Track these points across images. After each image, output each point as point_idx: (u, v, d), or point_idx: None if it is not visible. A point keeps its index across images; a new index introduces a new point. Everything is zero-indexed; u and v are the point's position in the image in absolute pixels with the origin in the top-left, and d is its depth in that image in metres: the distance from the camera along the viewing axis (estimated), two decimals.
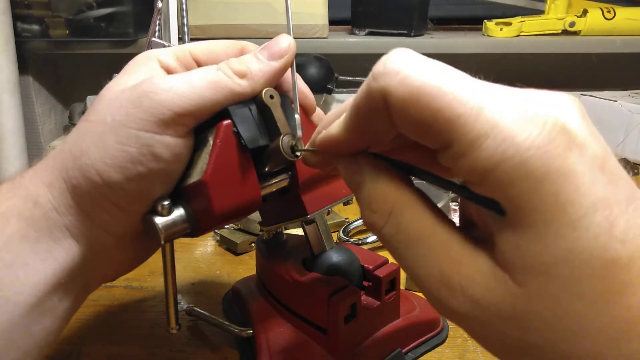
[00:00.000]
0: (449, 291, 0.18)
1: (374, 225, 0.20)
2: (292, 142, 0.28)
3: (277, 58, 0.29)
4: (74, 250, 0.27)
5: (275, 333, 0.36)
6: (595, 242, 0.16)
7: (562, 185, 0.16)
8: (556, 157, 0.16)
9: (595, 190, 0.16)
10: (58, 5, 0.76)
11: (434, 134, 0.17)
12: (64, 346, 0.39)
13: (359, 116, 0.20)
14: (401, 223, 0.19)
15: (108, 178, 0.25)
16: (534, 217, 0.16)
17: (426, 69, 0.17)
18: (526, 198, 0.16)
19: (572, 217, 0.16)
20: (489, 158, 0.16)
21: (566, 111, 0.17)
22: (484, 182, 0.17)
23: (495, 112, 0.16)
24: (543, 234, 0.16)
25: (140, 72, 0.28)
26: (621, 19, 0.82)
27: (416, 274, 0.19)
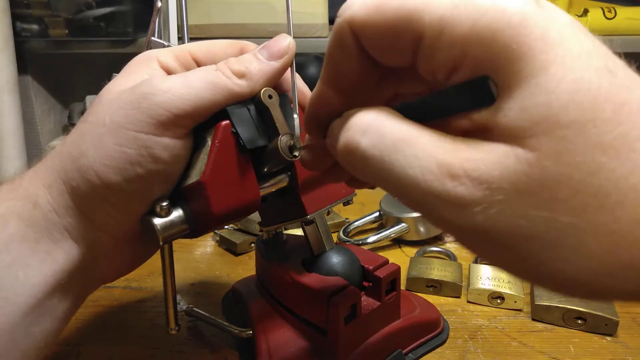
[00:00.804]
0: (453, 179, 0.15)
1: (350, 141, 0.18)
2: (291, 142, 0.28)
3: (277, 58, 0.28)
4: (74, 251, 0.27)
5: (275, 334, 0.35)
6: (599, 82, 0.14)
7: (546, 28, 0.15)
8: (532, 7, 0.15)
9: (582, 40, 0.15)
10: (57, 4, 0.76)
11: (404, 34, 0.17)
12: (63, 346, 0.39)
13: (331, 59, 0.20)
14: (383, 130, 0.17)
15: (107, 179, 0.25)
16: (528, 65, 0.15)
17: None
18: (513, 47, 0.15)
19: (566, 59, 0.14)
20: (463, 22, 0.15)
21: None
22: (466, 54, 0.16)
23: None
24: (542, 80, 0.14)
25: (140, 73, 0.28)
26: (622, 19, 0.82)
27: (411, 176, 0.16)
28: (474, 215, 0.15)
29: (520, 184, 0.15)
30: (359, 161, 0.18)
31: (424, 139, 0.16)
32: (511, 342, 0.39)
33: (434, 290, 0.45)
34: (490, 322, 0.41)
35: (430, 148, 0.16)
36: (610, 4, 0.83)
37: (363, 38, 0.18)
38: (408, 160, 0.16)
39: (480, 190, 0.15)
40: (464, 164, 0.15)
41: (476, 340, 0.39)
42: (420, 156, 0.16)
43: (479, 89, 0.16)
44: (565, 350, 0.38)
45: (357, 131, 0.18)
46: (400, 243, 0.55)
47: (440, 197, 0.16)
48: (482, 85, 0.16)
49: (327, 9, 0.81)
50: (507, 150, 0.15)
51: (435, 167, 0.16)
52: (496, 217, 0.15)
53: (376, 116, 0.18)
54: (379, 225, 0.58)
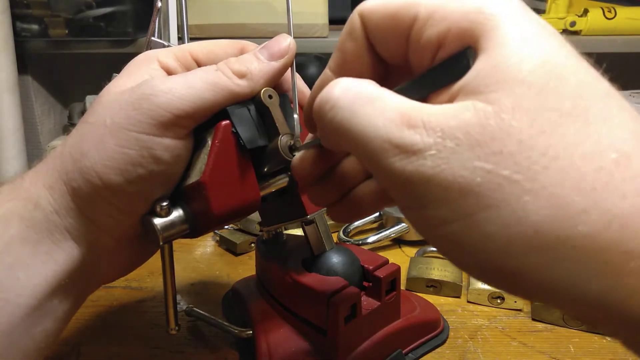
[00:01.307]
0: (411, 128, 0.16)
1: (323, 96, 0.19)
2: (291, 142, 0.28)
3: (277, 58, 0.28)
4: (75, 252, 0.27)
5: (275, 334, 0.35)
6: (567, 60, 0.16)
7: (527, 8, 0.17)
8: None
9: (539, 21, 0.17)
10: (57, 4, 0.76)
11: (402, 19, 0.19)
12: (63, 346, 0.39)
13: (340, 48, 0.22)
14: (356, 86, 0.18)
15: (108, 180, 0.25)
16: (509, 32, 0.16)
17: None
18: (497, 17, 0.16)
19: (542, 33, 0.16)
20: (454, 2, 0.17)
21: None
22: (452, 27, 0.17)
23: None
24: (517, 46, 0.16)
25: (140, 73, 0.28)
26: (622, 19, 0.82)
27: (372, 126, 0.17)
28: (421, 162, 0.15)
29: (472, 134, 0.15)
30: (329, 110, 0.18)
31: (394, 96, 0.18)
32: (511, 342, 0.39)
33: (434, 290, 0.45)
34: (490, 322, 0.42)
35: (396, 104, 0.17)
36: (610, 4, 0.83)
37: (369, 26, 0.20)
38: (375, 111, 0.17)
39: (433, 137, 0.16)
40: (424, 116, 0.16)
41: (476, 340, 0.39)
42: (386, 108, 0.17)
43: (459, 63, 0.17)
44: (565, 350, 0.38)
45: (332, 85, 0.19)
46: (400, 243, 0.55)
47: (395, 142, 0.16)
48: (461, 58, 0.17)
49: (327, 9, 0.80)
50: (467, 103, 0.16)
51: (397, 117, 0.17)
52: (442, 165, 0.15)
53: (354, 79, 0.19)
54: (379, 225, 0.58)
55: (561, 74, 0.15)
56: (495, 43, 0.16)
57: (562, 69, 0.15)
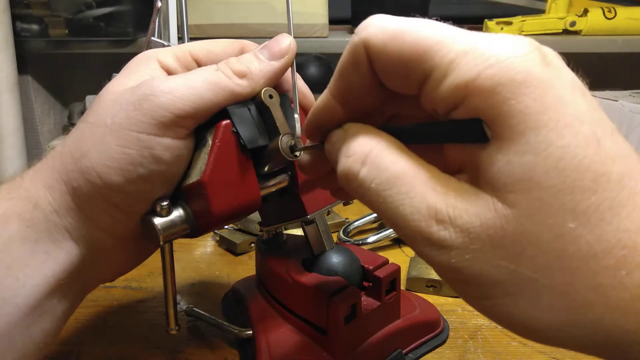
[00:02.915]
0: (439, 223, 0.17)
1: (350, 170, 0.19)
2: (291, 142, 0.28)
3: (278, 58, 0.28)
4: (74, 252, 0.27)
5: (275, 333, 0.35)
6: (584, 151, 0.15)
7: (545, 90, 0.15)
8: (536, 66, 0.16)
9: (578, 105, 0.16)
10: (57, 4, 0.76)
11: (414, 67, 0.18)
12: (63, 346, 0.38)
13: (342, 74, 0.20)
14: (382, 163, 0.18)
15: (109, 180, 0.25)
16: (520, 122, 0.15)
17: (402, 18, 0.18)
18: (511, 103, 0.16)
19: (559, 123, 0.15)
20: (470, 70, 0.16)
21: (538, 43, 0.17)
22: (467, 98, 0.16)
23: (470, 36, 0.17)
24: (532, 140, 0.15)
25: (140, 73, 0.28)
26: (622, 19, 0.82)
27: (401, 213, 0.18)
28: (451, 257, 0.17)
29: (495, 237, 0.16)
30: (357, 189, 0.19)
31: (418, 178, 0.18)
32: (511, 342, 0.39)
33: (434, 290, 0.45)
34: (490, 322, 0.41)
35: (422, 189, 0.17)
36: (610, 4, 0.83)
37: (375, 62, 0.19)
38: (401, 198, 0.18)
39: (461, 237, 0.17)
40: (450, 211, 0.17)
41: (476, 340, 0.39)
42: (413, 196, 0.17)
43: (474, 128, 0.17)
44: (565, 350, 0.38)
45: (357, 160, 0.19)
46: (400, 243, 0.55)
47: (425, 236, 0.17)
48: (476, 125, 0.17)
49: (327, 9, 0.80)
50: (489, 202, 0.16)
51: (425, 209, 0.17)
52: (470, 262, 0.17)
53: (376, 145, 0.19)
54: (379, 225, 0.58)
55: (577, 170, 0.15)
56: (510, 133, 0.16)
57: (580, 163, 0.15)
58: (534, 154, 0.15)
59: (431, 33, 0.17)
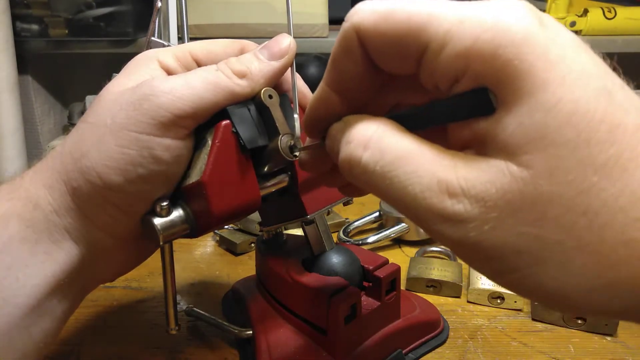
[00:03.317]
0: (452, 197, 0.16)
1: (352, 155, 0.18)
2: (291, 142, 0.28)
3: (278, 58, 0.28)
4: (74, 252, 0.27)
5: (275, 333, 0.35)
6: (596, 103, 0.15)
7: (547, 48, 0.15)
8: (534, 25, 0.15)
9: (583, 60, 0.15)
10: (57, 4, 0.76)
11: (409, 43, 0.17)
12: (63, 346, 0.38)
13: (337, 64, 0.20)
14: (384, 144, 0.18)
15: (108, 180, 0.25)
16: (528, 82, 0.15)
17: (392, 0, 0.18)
18: (514, 63, 0.15)
19: (566, 79, 0.15)
20: (467, 37, 0.16)
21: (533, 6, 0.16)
22: (468, 67, 0.16)
23: (463, 7, 0.16)
24: (541, 98, 0.15)
25: (140, 73, 0.28)
26: (622, 19, 0.81)
27: (410, 193, 0.17)
28: (469, 230, 0.16)
29: (513, 202, 0.15)
30: (361, 175, 0.18)
31: (424, 155, 0.17)
32: (511, 342, 0.39)
33: (434, 290, 0.45)
34: (490, 322, 0.41)
35: (430, 165, 0.17)
36: (610, 4, 0.83)
37: (369, 45, 0.18)
38: (408, 177, 0.17)
39: (477, 208, 0.16)
40: (462, 182, 0.16)
41: (476, 340, 0.39)
42: (420, 173, 0.17)
43: (479, 99, 0.16)
44: (565, 350, 0.38)
45: (359, 145, 0.18)
46: (400, 243, 0.55)
47: (439, 213, 0.16)
48: (482, 95, 0.16)
49: (327, 9, 0.80)
50: (502, 167, 0.16)
51: (435, 184, 0.16)
52: (490, 232, 0.16)
53: (377, 129, 0.18)
54: (379, 225, 0.58)
55: (591, 123, 0.15)
56: (518, 94, 0.15)
57: (593, 116, 0.15)
58: (545, 112, 0.15)
59: (422, 7, 0.17)
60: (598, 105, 0.15)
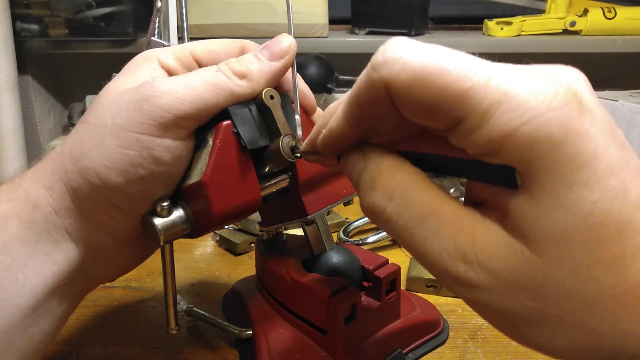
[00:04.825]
0: (467, 264, 0.17)
1: (376, 205, 0.19)
2: (292, 143, 0.28)
3: (278, 58, 0.28)
4: (74, 252, 0.27)
5: (275, 334, 0.35)
6: (612, 205, 0.16)
7: (581, 147, 0.15)
8: (573, 119, 0.16)
9: (609, 154, 0.16)
10: (57, 4, 0.76)
11: (443, 113, 0.17)
12: (62, 347, 0.38)
13: (360, 107, 0.19)
14: (409, 199, 0.18)
15: (108, 181, 0.25)
16: (554, 181, 0.16)
17: (426, 51, 0.17)
18: (546, 161, 0.16)
19: (590, 180, 0.15)
20: (505, 124, 0.16)
21: (575, 79, 0.17)
22: (501, 151, 0.16)
23: (504, 80, 0.16)
24: (563, 197, 0.16)
25: (140, 73, 0.28)
26: (622, 19, 0.81)
27: (430, 251, 0.18)
28: (479, 294, 0.18)
29: (522, 280, 0.17)
30: (383, 223, 0.19)
31: (446, 216, 0.18)
32: (511, 342, 0.39)
33: (434, 290, 0.45)
34: None
35: (450, 229, 0.18)
36: (610, 4, 0.83)
37: (398, 101, 0.18)
38: (428, 236, 0.18)
39: (488, 278, 0.17)
40: (479, 253, 0.17)
41: (476, 340, 0.39)
42: (441, 235, 0.18)
43: (505, 174, 0.17)
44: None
45: (384, 195, 0.19)
46: None
47: (453, 275, 0.18)
48: (508, 172, 0.17)
49: (327, 9, 0.80)
50: (517, 248, 0.17)
51: (453, 249, 0.17)
52: (497, 299, 0.17)
53: (402, 179, 0.19)
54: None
55: (603, 224, 0.16)
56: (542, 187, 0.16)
57: (607, 217, 0.16)
58: (565, 211, 0.16)
59: (461, 76, 0.16)
60: (613, 205, 0.16)
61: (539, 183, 0.16)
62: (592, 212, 0.16)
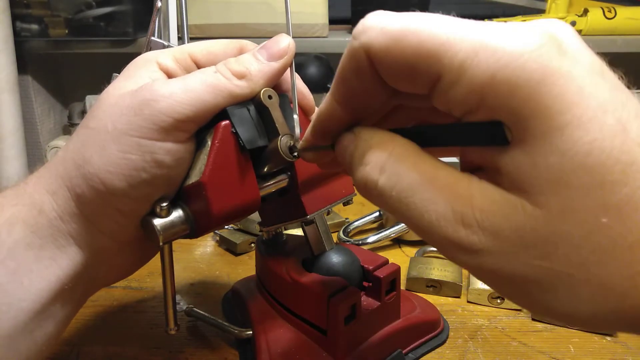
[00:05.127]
0: (467, 228, 0.16)
1: (368, 178, 0.19)
2: (291, 143, 0.28)
3: (277, 58, 0.28)
4: (78, 256, 0.27)
5: (275, 334, 0.35)
6: (611, 143, 0.15)
7: (565, 86, 0.15)
8: (552, 60, 0.15)
9: (599, 93, 0.15)
10: (57, 4, 0.76)
11: (422, 71, 0.17)
12: (63, 347, 0.39)
13: (345, 81, 0.19)
14: (401, 169, 0.18)
15: (112, 186, 0.25)
16: (542, 124, 0.15)
17: (403, 16, 0.17)
18: (530, 105, 0.15)
19: (582, 119, 0.15)
20: (483, 72, 0.15)
21: (555, 25, 0.16)
22: (482, 103, 0.16)
23: (479, 32, 0.16)
24: (556, 141, 0.15)
25: (140, 76, 0.28)
26: (622, 19, 0.81)
27: (427, 220, 0.17)
28: (483, 260, 0.17)
29: (526, 237, 0.16)
30: (377, 197, 0.19)
31: (440, 182, 0.17)
32: (511, 342, 0.39)
33: (434, 290, 0.45)
34: (490, 322, 0.41)
35: (446, 193, 0.17)
36: (610, 4, 0.83)
37: (379, 66, 0.18)
38: (424, 204, 0.17)
39: (490, 240, 0.16)
40: (477, 213, 0.16)
41: (476, 340, 0.39)
42: (436, 201, 0.17)
43: (494, 131, 0.16)
44: (565, 350, 0.38)
45: (375, 168, 0.18)
46: (400, 243, 0.55)
47: (454, 242, 0.17)
48: (496, 128, 0.16)
49: (327, 9, 0.80)
50: (516, 203, 0.16)
51: (451, 214, 0.17)
52: (503, 262, 0.16)
53: (393, 151, 0.18)
54: (379, 225, 0.58)
55: (605, 165, 0.15)
56: (533, 135, 0.15)
57: (607, 157, 0.15)
58: (560, 155, 0.15)
59: (436, 32, 0.16)
60: (613, 144, 0.15)
61: (529, 130, 0.15)
62: (590, 153, 0.15)
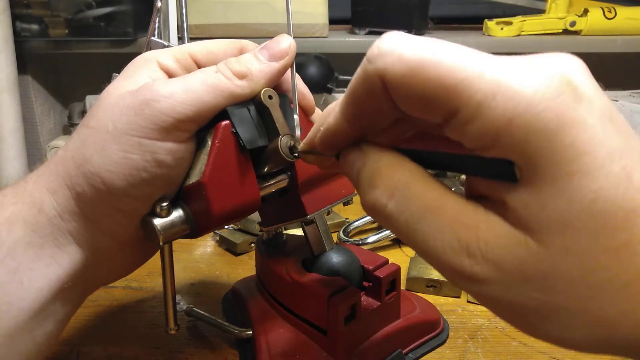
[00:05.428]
0: (470, 258, 0.17)
1: (377, 202, 0.19)
2: (291, 143, 0.28)
3: (278, 59, 0.28)
4: (78, 255, 0.27)
5: (275, 334, 0.35)
6: (616, 192, 0.15)
7: (577, 135, 0.15)
8: (568, 108, 0.15)
9: (608, 141, 0.16)
10: (57, 4, 0.76)
11: (438, 105, 0.17)
12: (62, 347, 0.39)
13: (356, 102, 0.19)
14: (410, 196, 0.18)
15: (112, 185, 0.25)
16: (553, 171, 0.15)
17: (421, 43, 0.17)
18: (543, 152, 0.15)
19: (590, 168, 0.15)
20: (500, 116, 0.15)
21: (570, 67, 0.16)
22: (496, 143, 0.16)
23: (498, 71, 0.16)
24: (564, 187, 0.15)
25: (140, 75, 0.28)
26: (622, 19, 0.81)
27: (432, 247, 0.18)
28: (485, 288, 0.17)
29: (527, 271, 0.16)
30: (384, 220, 0.19)
31: (447, 210, 0.18)
32: (511, 342, 0.39)
33: (434, 290, 0.45)
34: (490, 321, 0.41)
35: (452, 223, 0.18)
36: (610, 4, 0.83)
37: (393, 92, 0.18)
38: (431, 231, 0.18)
39: (493, 271, 0.17)
40: (482, 245, 0.17)
41: (476, 340, 0.39)
42: (443, 230, 0.18)
43: (504, 168, 0.17)
44: (565, 350, 0.38)
45: (384, 193, 0.19)
46: (400, 243, 0.55)
47: (458, 270, 0.17)
48: (507, 166, 0.16)
49: (327, 9, 0.80)
50: (521, 239, 0.16)
51: (456, 243, 0.17)
52: (503, 292, 0.17)
53: (402, 176, 0.19)
54: (378, 225, 0.58)
55: (608, 212, 0.15)
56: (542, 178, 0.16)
57: (611, 205, 0.15)
58: (568, 200, 0.15)
59: (455, 67, 0.16)
60: (617, 192, 0.15)
61: (539, 174, 0.16)
62: (596, 200, 0.15)
